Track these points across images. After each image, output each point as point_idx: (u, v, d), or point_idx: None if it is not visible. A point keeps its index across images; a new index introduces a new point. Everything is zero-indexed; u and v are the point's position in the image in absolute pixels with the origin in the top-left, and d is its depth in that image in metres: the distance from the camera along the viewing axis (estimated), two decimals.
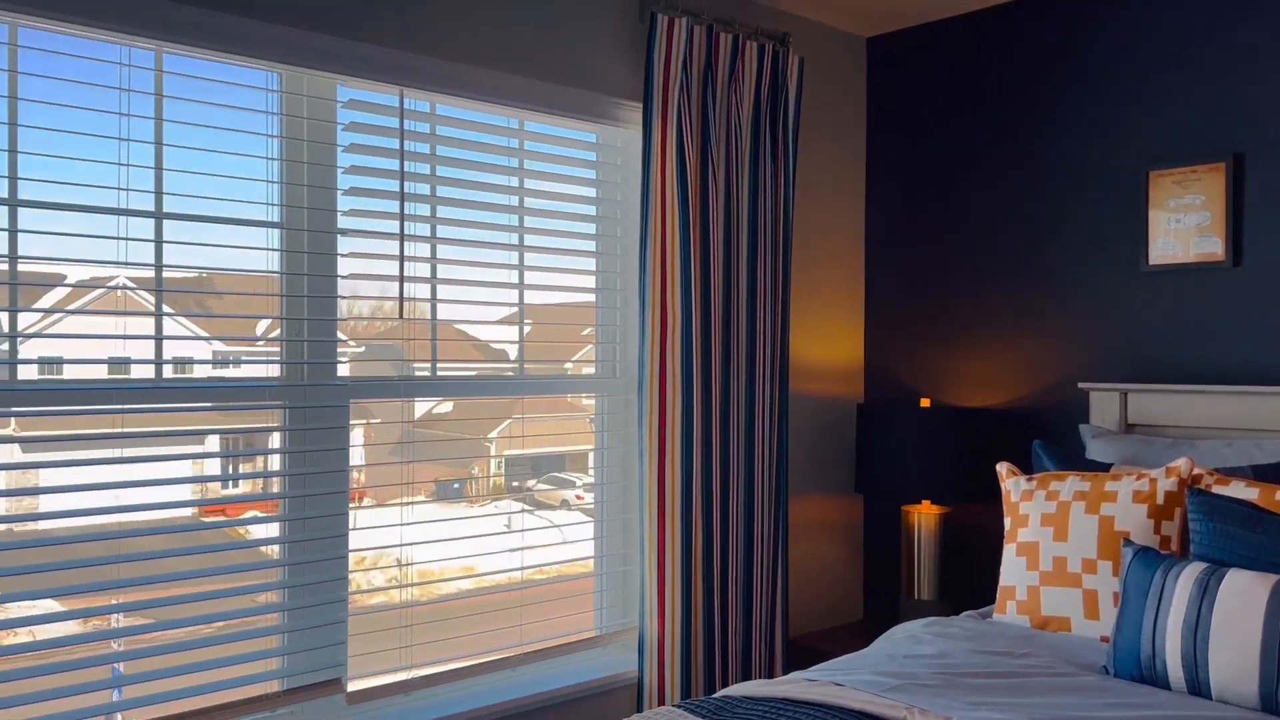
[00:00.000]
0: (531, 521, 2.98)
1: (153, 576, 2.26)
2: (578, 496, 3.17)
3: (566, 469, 3.20)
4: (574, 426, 3.20)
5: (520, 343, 2.92)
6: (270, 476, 2.53)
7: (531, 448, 3.10)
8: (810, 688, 1.97)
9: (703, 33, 3.00)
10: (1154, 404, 2.91)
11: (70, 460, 2.23)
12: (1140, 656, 2.10)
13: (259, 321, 2.51)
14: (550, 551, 2.99)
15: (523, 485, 3.08)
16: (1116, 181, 3.06)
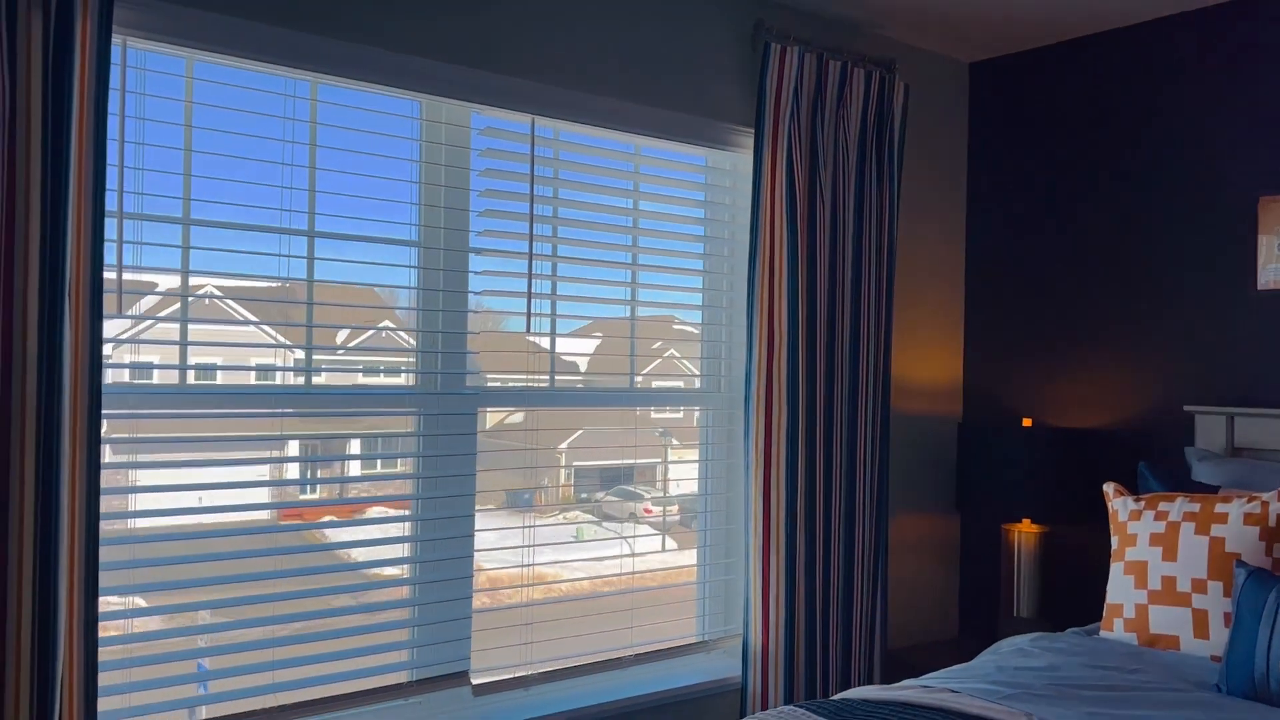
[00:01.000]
0: (633, 530, 3.11)
1: (290, 570, 2.43)
2: (646, 509, 3.27)
3: (635, 482, 3.29)
4: (645, 439, 3.26)
5: (631, 357, 3.05)
6: (404, 479, 2.69)
7: (600, 459, 3.17)
8: (926, 694, 2.05)
9: (813, 61, 3.11)
10: (1261, 428, 2.92)
11: (227, 460, 2.42)
12: (1255, 675, 2.13)
13: (346, 331, 2.66)
14: (657, 559, 3.11)
15: (592, 497, 3.17)
16: (1226, 205, 3.08)
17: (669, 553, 3.21)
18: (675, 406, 3.28)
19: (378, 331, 2.71)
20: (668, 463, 3.28)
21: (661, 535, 3.26)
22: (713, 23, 3.07)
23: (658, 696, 2.93)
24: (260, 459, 2.47)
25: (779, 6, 3.21)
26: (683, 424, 3.30)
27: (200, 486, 2.36)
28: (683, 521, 3.32)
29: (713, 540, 3.21)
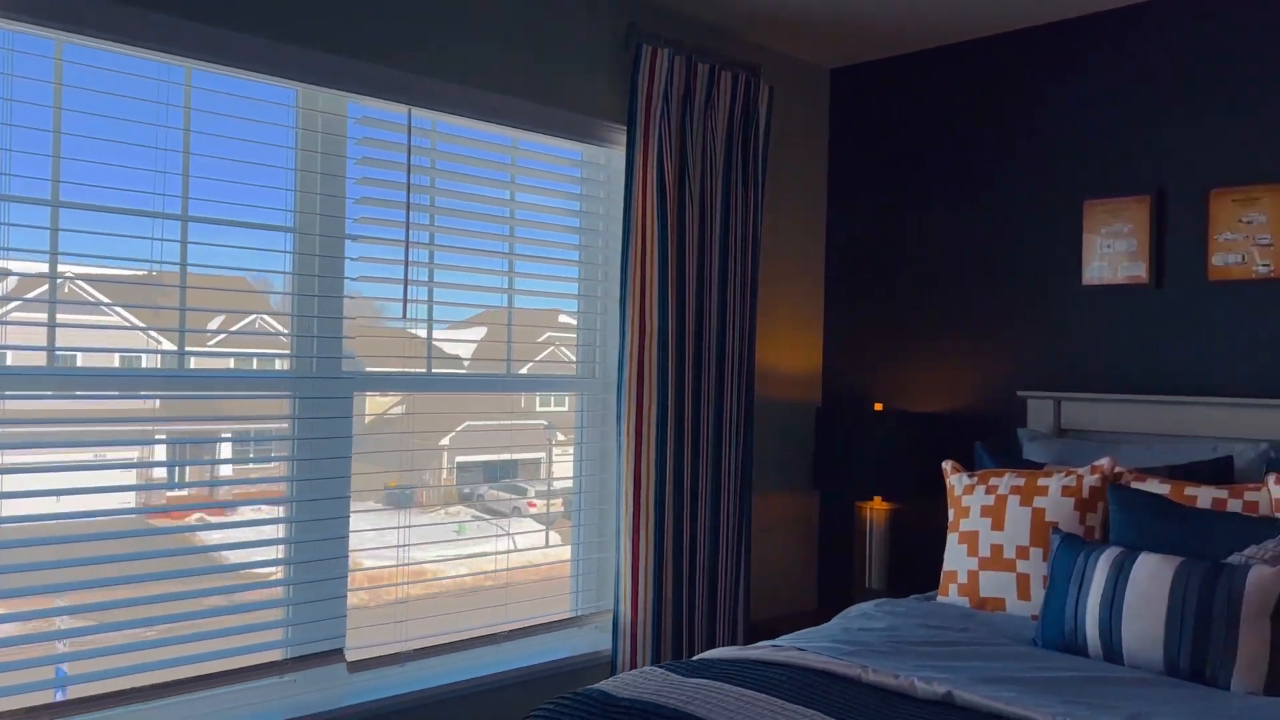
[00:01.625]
0: (516, 523, 3.22)
1: (165, 550, 2.45)
2: (530, 504, 3.34)
3: (519, 475, 3.36)
4: (531, 431, 3.33)
5: (509, 344, 3.15)
6: (280, 461, 2.73)
7: (483, 453, 3.21)
8: (777, 652, 2.23)
9: (682, 62, 3.27)
10: (1084, 411, 3.21)
11: None
12: (1064, 629, 2.38)
13: (220, 317, 2.69)
14: (530, 541, 3.23)
15: (474, 492, 3.24)
16: (1056, 208, 3.37)
17: (552, 546, 3.32)
18: (556, 396, 3.38)
19: (250, 319, 2.74)
20: (552, 457, 3.37)
21: (545, 529, 3.34)
22: (589, 22, 3.19)
23: (531, 669, 3.04)
24: (131, 442, 2.48)
25: (651, 9, 3.35)
26: (567, 416, 3.40)
27: (70, 467, 2.36)
28: (566, 514, 3.40)
29: (586, 521, 3.34)
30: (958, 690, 1.98)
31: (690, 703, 1.93)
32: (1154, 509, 2.49)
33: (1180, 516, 2.45)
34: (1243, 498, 2.50)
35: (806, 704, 1.92)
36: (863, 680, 2.07)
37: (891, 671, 2.11)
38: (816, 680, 2.06)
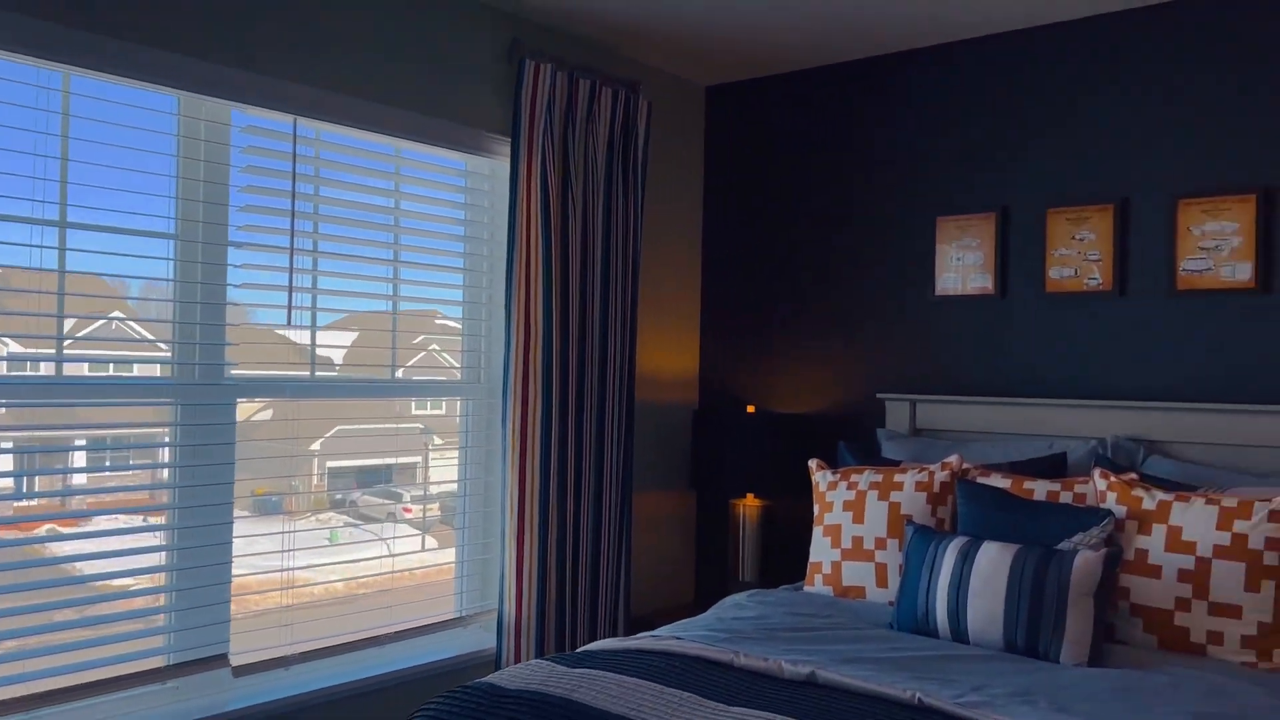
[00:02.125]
0: (392, 530, 3.26)
1: (36, 561, 2.43)
2: (405, 509, 3.35)
3: (395, 481, 3.33)
4: (406, 435, 3.29)
5: (393, 349, 3.20)
6: (160, 468, 2.72)
7: (359, 459, 3.21)
8: (656, 642, 2.37)
9: (565, 78, 3.38)
10: (936, 412, 3.47)
11: None
12: (917, 613, 2.60)
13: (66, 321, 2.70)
14: (406, 547, 3.29)
15: (348, 498, 3.21)
16: (911, 224, 3.62)
17: (430, 550, 3.38)
18: (437, 400, 3.45)
19: (124, 323, 2.71)
20: (429, 461, 3.41)
21: (421, 535, 3.34)
22: (473, 37, 3.27)
23: (416, 669, 3.11)
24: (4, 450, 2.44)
25: (535, 26, 3.45)
26: (444, 421, 3.46)
27: None
28: (444, 519, 3.42)
29: (471, 523, 3.41)
30: (820, 670, 2.16)
31: (575, 690, 2.04)
32: (996, 501, 2.74)
33: (1019, 508, 2.70)
34: (1073, 490, 2.77)
35: (683, 687, 2.07)
36: (734, 664, 2.23)
37: (761, 655, 2.27)
38: (692, 666, 2.21)
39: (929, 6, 3.22)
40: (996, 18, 3.31)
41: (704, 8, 3.28)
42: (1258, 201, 2.96)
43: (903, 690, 2.05)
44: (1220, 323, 3.02)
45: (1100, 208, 3.22)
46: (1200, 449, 2.97)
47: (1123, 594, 2.53)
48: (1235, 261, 2.99)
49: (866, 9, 3.26)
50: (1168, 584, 2.46)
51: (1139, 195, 3.17)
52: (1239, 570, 2.40)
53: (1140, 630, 2.50)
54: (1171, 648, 2.46)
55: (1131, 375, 3.17)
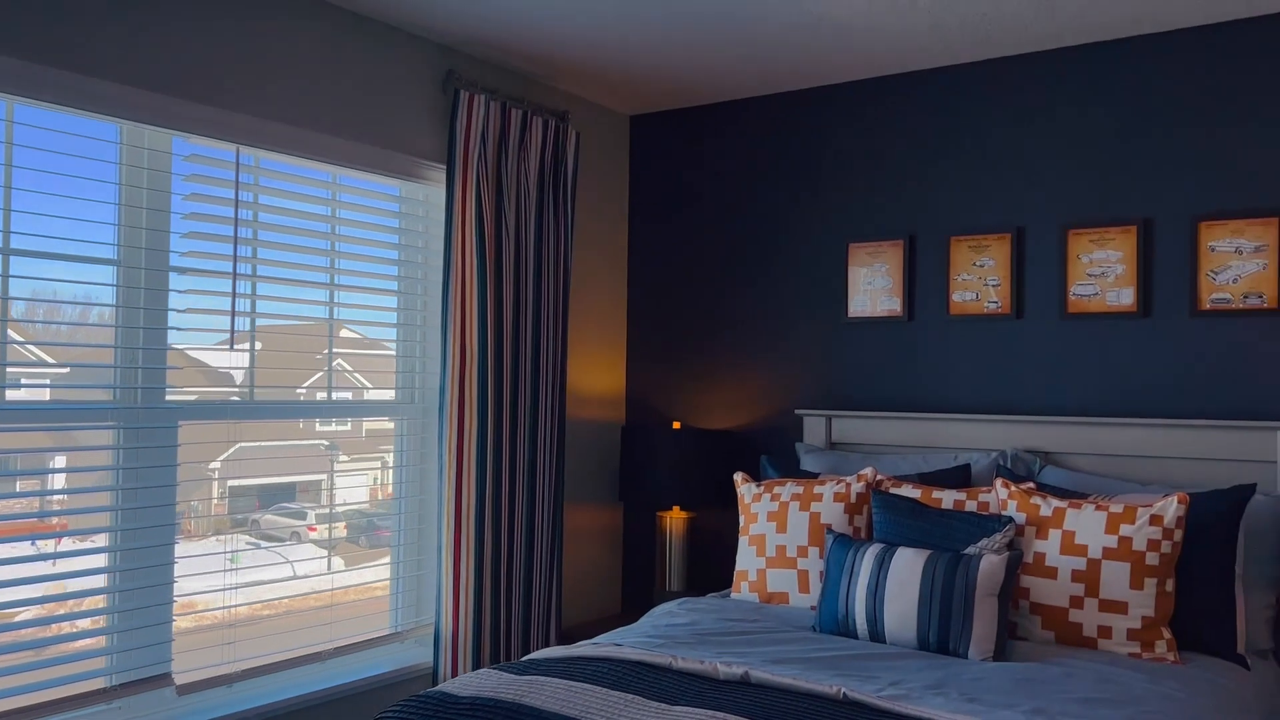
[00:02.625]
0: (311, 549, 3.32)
1: None
2: (310, 528, 3.31)
3: (297, 499, 3.29)
4: (310, 454, 3.26)
5: (329, 371, 3.27)
6: (102, 491, 2.74)
7: (261, 476, 3.15)
8: (597, 649, 2.50)
9: (498, 108, 3.51)
10: (851, 427, 3.69)
11: None
12: (838, 615, 2.79)
13: None
14: (310, 568, 3.35)
15: (249, 518, 3.12)
16: (826, 249, 3.85)
17: (366, 567, 3.44)
18: (343, 418, 3.50)
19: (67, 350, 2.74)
20: (334, 480, 3.36)
21: (328, 555, 3.28)
22: (411, 68, 3.37)
23: (355, 685, 3.17)
24: None
25: (469, 58, 3.57)
26: (350, 436, 3.41)
27: None
28: (350, 537, 3.39)
29: (406, 540, 3.49)
30: (753, 671, 2.32)
31: (525, 695, 2.16)
32: (908, 510, 2.95)
33: (929, 516, 2.92)
34: (977, 499, 3.00)
35: (626, 689, 2.20)
36: (673, 667, 2.38)
37: (697, 659, 2.42)
38: (634, 669, 2.35)
39: (840, 49, 3.45)
40: (905, 60, 3.55)
41: (627, 44, 3.45)
42: (1138, 232, 3.25)
43: (829, 686, 2.22)
44: (1106, 344, 3.30)
45: (999, 236, 3.48)
46: (1091, 459, 3.24)
47: (1023, 594, 2.76)
48: (1119, 287, 3.28)
49: (780, 50, 3.47)
50: (1062, 584, 2.70)
51: (1033, 225, 3.44)
52: (1125, 570, 2.65)
53: (1039, 627, 2.73)
54: (1067, 642, 2.70)
55: (1028, 392, 3.43)
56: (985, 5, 3.05)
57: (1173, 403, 3.19)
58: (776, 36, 3.35)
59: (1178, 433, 3.09)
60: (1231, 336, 3.11)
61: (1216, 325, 3.14)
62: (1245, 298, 3.08)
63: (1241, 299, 3.09)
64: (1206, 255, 3.14)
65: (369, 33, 3.25)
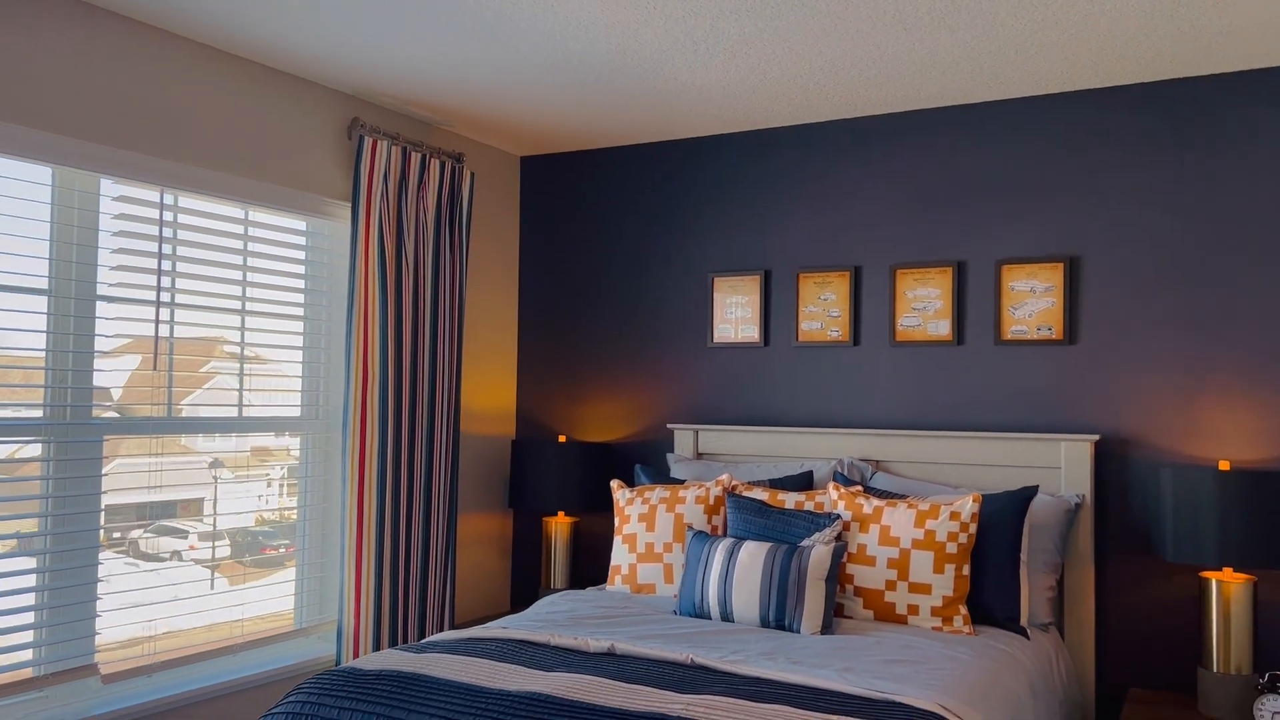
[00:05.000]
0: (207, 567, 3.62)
1: None
2: (191, 546, 3.40)
3: (179, 515, 3.35)
4: (191, 473, 3.35)
5: (240, 391, 3.59)
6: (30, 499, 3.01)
7: (142, 494, 3.22)
8: (486, 631, 2.90)
9: (398, 151, 3.89)
10: (715, 439, 4.17)
11: None
12: (694, 600, 3.24)
13: None
14: (195, 590, 3.66)
15: (126, 536, 3.15)
16: (693, 281, 4.33)
17: (219, 593, 3.75)
18: (227, 434, 3.83)
19: None
20: (217, 495, 3.55)
21: (211, 576, 3.40)
22: (318, 116, 3.73)
23: (265, 674, 3.49)
24: None
25: (372, 106, 3.94)
26: (235, 453, 3.58)
27: None
28: (235, 555, 3.52)
29: (310, 544, 3.82)
30: (618, 644, 2.75)
31: (425, 668, 2.55)
32: (756, 510, 3.44)
33: (773, 514, 3.41)
34: (814, 500, 3.51)
35: (510, 661, 2.61)
36: (550, 643, 2.80)
37: (572, 635, 2.85)
38: (517, 646, 2.76)
39: (704, 109, 3.94)
40: (760, 119, 4.07)
41: (516, 95, 3.88)
42: (954, 273, 3.82)
43: (681, 654, 2.67)
44: (927, 368, 3.87)
45: (839, 274, 4.02)
46: (913, 466, 3.79)
47: (849, 579, 3.27)
48: (938, 319, 3.85)
49: (653, 107, 3.94)
50: (880, 570, 3.22)
51: (868, 264, 3.99)
52: (929, 558, 3.18)
53: (861, 606, 3.24)
54: (883, 619, 3.21)
55: (863, 409, 3.97)
56: (823, 78, 3.59)
57: (979, 418, 3.77)
58: (650, 96, 3.83)
59: (982, 443, 3.66)
60: (1027, 362, 3.71)
61: (1015, 353, 3.73)
62: (1038, 329, 3.68)
63: (1035, 330, 3.68)
64: (1008, 293, 3.73)
65: (281, 84, 3.60)
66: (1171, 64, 3.37)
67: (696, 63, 3.44)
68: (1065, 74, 3.49)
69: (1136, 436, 3.51)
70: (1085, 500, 3.47)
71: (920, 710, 2.28)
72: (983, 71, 3.48)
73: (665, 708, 2.24)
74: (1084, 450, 3.49)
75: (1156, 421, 3.48)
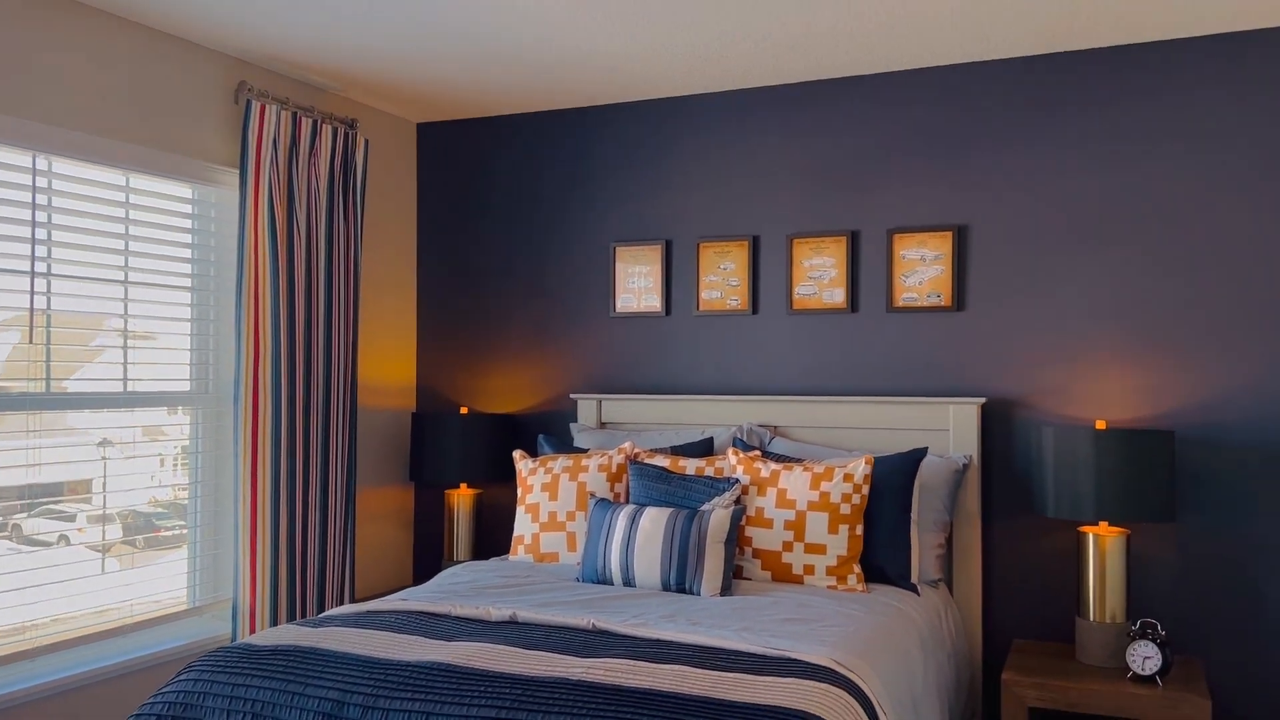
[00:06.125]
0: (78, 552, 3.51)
1: None
2: (79, 529, 3.30)
3: (66, 497, 3.24)
4: (77, 452, 3.24)
5: (124, 364, 3.45)
6: None
7: (21, 474, 3.10)
8: (386, 603, 2.87)
9: (288, 116, 3.77)
10: (619, 408, 4.19)
11: None
12: (597, 567, 3.27)
13: None
14: (81, 570, 3.55)
15: (9, 521, 3.02)
16: (596, 250, 4.33)
17: (109, 573, 3.64)
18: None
19: None
20: (106, 475, 3.41)
21: (102, 556, 3.32)
22: (204, 79, 3.59)
23: (156, 655, 3.40)
24: None
25: (259, 69, 3.82)
26: (127, 429, 3.46)
27: None
28: (126, 536, 3.43)
29: (203, 521, 3.72)
30: (520, 612, 2.76)
31: (322, 642, 2.52)
32: (657, 476, 3.47)
33: (675, 480, 3.45)
34: (714, 465, 3.56)
35: (410, 633, 2.60)
36: (451, 614, 2.79)
37: (473, 606, 2.84)
38: (417, 617, 2.74)
39: (607, 77, 3.93)
40: (662, 85, 4.08)
41: (411, 60, 3.80)
42: (848, 242, 3.90)
43: (583, 620, 2.70)
44: (822, 335, 3.95)
45: (738, 243, 4.07)
46: (810, 431, 3.87)
47: (747, 541, 3.33)
48: (833, 288, 3.93)
49: (555, 75, 3.91)
50: (777, 532, 3.29)
51: (766, 234, 4.05)
52: (824, 519, 3.26)
53: (759, 568, 3.31)
54: (781, 579, 3.29)
55: (762, 376, 4.04)
56: (721, 48, 3.61)
57: (873, 383, 3.87)
58: (550, 63, 3.79)
59: (875, 408, 3.76)
60: (917, 328, 3.82)
61: (906, 320, 3.84)
62: (928, 296, 3.79)
63: (925, 298, 3.79)
64: (899, 261, 3.83)
65: (162, 46, 3.45)
66: (1055, 37, 3.49)
67: (596, 30, 3.42)
68: (955, 46, 3.58)
69: (1021, 398, 3.66)
70: (972, 461, 3.60)
71: (813, 665, 2.35)
72: (873, 44, 3.54)
73: (566, 672, 2.26)
74: (971, 413, 3.62)
75: (1039, 384, 3.63)
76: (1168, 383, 3.47)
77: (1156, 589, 3.47)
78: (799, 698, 2.13)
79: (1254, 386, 3.37)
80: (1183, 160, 3.47)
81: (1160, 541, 3.47)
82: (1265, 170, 3.37)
